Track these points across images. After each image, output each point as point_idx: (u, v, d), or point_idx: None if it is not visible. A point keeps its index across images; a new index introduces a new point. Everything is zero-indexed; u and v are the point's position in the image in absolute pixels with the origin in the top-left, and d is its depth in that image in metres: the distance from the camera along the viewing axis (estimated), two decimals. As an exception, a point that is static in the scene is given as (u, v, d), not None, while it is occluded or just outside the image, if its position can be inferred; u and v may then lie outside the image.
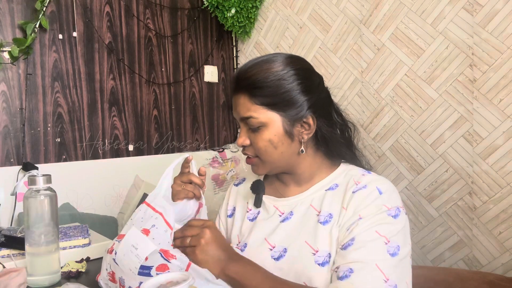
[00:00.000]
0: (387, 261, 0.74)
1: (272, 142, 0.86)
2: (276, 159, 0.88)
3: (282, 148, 0.87)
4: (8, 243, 1.10)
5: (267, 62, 0.87)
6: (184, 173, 0.92)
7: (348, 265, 0.75)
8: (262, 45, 2.47)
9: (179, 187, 0.90)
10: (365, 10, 1.98)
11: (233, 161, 2.42)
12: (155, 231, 0.78)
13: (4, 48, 1.73)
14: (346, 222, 0.81)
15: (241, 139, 0.89)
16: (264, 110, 0.85)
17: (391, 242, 0.76)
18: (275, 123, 0.85)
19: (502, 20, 1.57)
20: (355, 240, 0.77)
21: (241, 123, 0.89)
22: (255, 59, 0.89)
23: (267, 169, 0.90)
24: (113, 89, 2.08)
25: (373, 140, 1.97)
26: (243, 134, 0.89)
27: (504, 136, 1.60)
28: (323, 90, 0.92)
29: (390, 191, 0.84)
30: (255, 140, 0.87)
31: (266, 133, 0.85)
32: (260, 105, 0.85)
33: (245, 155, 0.92)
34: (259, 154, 0.88)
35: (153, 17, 2.25)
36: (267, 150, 0.86)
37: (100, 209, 1.96)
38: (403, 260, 0.77)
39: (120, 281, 0.79)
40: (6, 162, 1.75)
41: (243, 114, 0.87)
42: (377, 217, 0.79)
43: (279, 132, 0.86)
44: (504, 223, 1.61)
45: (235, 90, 0.89)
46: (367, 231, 0.77)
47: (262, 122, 0.85)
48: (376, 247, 0.76)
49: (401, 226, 0.79)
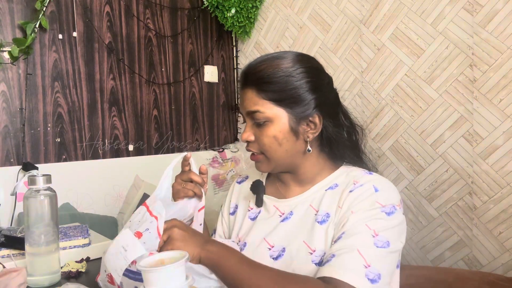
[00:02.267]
0: (371, 249, 0.74)
1: (277, 138, 0.85)
2: (280, 157, 0.87)
3: (287, 146, 0.86)
4: (8, 243, 1.11)
5: (277, 59, 0.87)
6: (185, 172, 0.92)
7: (331, 252, 0.76)
8: (262, 45, 2.47)
9: (179, 186, 0.90)
10: (365, 10, 1.98)
11: (233, 161, 2.42)
12: (147, 235, 0.77)
13: (4, 48, 1.73)
14: (339, 219, 0.81)
15: (245, 134, 0.89)
16: (271, 105, 0.85)
17: (379, 236, 0.76)
18: (281, 119, 0.85)
19: (502, 20, 1.57)
20: (345, 234, 0.77)
21: (247, 117, 0.89)
22: (265, 55, 0.90)
23: (271, 166, 0.90)
24: (113, 89, 2.08)
25: (373, 140, 1.97)
26: (248, 129, 0.89)
27: (504, 136, 1.60)
28: (332, 90, 0.92)
29: (387, 189, 0.83)
30: (260, 135, 0.87)
31: (272, 128, 0.85)
32: (267, 100, 0.85)
33: (248, 152, 0.91)
34: (264, 150, 0.87)
35: (153, 17, 2.25)
36: (271, 146, 0.86)
37: (100, 209, 1.95)
38: (392, 254, 0.77)
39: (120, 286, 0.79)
40: (6, 162, 1.75)
41: (250, 108, 0.87)
42: (369, 212, 0.79)
43: (284, 128, 0.85)
44: (504, 223, 1.61)
45: (243, 84, 0.89)
46: (356, 224, 0.77)
47: (268, 117, 0.85)
48: (362, 237, 0.75)
49: (394, 224, 0.78)
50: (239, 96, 0.93)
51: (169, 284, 0.62)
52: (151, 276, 0.62)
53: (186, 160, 0.92)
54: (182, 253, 0.67)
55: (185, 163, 0.92)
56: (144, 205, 0.86)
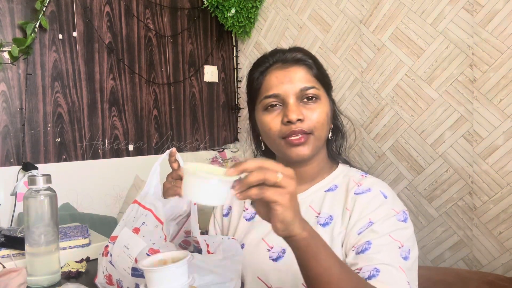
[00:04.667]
0: (403, 264, 0.75)
1: (328, 116, 0.87)
2: (325, 137, 0.89)
3: (328, 128, 0.89)
4: (8, 243, 1.10)
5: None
6: (174, 170, 0.92)
7: (374, 266, 0.73)
8: (262, 45, 2.47)
9: (169, 184, 0.90)
10: (365, 10, 1.98)
11: (233, 161, 2.42)
12: (144, 228, 0.78)
13: (4, 48, 1.73)
14: (354, 225, 0.80)
15: (296, 113, 0.82)
16: (320, 86, 0.88)
17: (404, 246, 0.77)
18: (327, 101, 0.89)
19: (502, 20, 1.57)
20: (372, 244, 0.76)
21: (294, 97, 0.84)
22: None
23: (316, 148, 0.86)
24: (113, 89, 2.08)
25: (373, 140, 1.97)
26: (296, 108, 0.83)
27: (504, 136, 1.59)
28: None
29: (392, 195, 0.85)
30: (313, 113, 0.84)
31: (322, 106, 0.86)
32: (318, 80, 0.88)
33: (294, 134, 0.83)
34: (316, 128, 0.84)
35: (153, 17, 2.25)
36: (324, 124, 0.85)
37: (100, 209, 1.95)
38: (414, 263, 0.79)
39: (118, 283, 0.79)
40: (6, 162, 1.75)
41: (306, 83, 0.85)
42: (388, 222, 0.79)
43: (329, 110, 0.88)
44: (504, 223, 1.61)
45: (292, 62, 0.87)
46: (381, 236, 0.77)
47: (320, 95, 0.87)
48: (392, 250, 0.76)
49: (411, 230, 0.81)
50: (278, 76, 0.86)
51: (171, 284, 0.62)
52: (154, 276, 0.63)
53: (172, 155, 0.91)
54: (184, 252, 0.67)
55: (171, 159, 0.91)
56: (135, 202, 0.86)
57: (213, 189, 0.56)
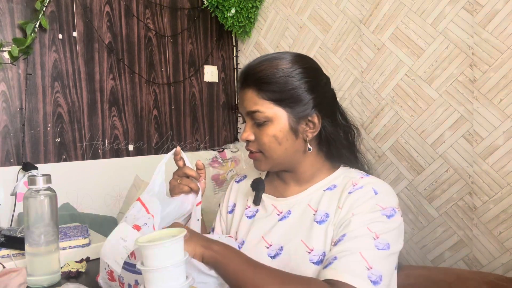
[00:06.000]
0: (372, 251, 0.75)
1: (277, 137, 0.86)
2: (279, 156, 0.88)
3: (286, 145, 0.87)
4: (8, 243, 1.11)
5: (276, 59, 0.88)
6: (180, 168, 0.94)
7: (333, 254, 0.76)
8: (262, 45, 2.47)
9: (175, 182, 0.92)
10: (365, 10, 1.98)
11: (233, 161, 2.41)
12: (146, 229, 0.78)
13: (4, 48, 1.73)
14: (339, 220, 0.82)
15: (245, 134, 0.89)
16: (271, 105, 0.86)
17: (380, 238, 0.76)
18: (281, 119, 0.86)
19: (502, 20, 1.57)
20: (346, 236, 0.78)
21: (247, 117, 0.90)
22: (264, 56, 0.90)
23: (270, 165, 0.90)
24: (113, 89, 2.08)
25: (373, 140, 1.97)
26: (248, 129, 0.89)
27: (504, 136, 1.59)
28: (329, 90, 0.94)
29: (386, 192, 0.84)
30: (260, 135, 0.87)
31: (271, 128, 0.86)
32: (267, 100, 0.86)
33: (247, 151, 0.92)
34: (263, 149, 0.88)
35: (153, 17, 2.25)
36: (271, 146, 0.87)
37: (100, 209, 1.96)
38: (392, 256, 0.78)
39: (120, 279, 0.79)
40: (6, 162, 1.75)
41: (250, 108, 0.87)
42: (370, 215, 0.79)
43: (284, 128, 0.86)
44: (504, 223, 1.61)
45: (243, 84, 0.90)
46: (358, 227, 0.78)
47: (268, 117, 0.86)
48: (364, 240, 0.76)
49: (394, 226, 0.79)
50: (239, 97, 0.93)
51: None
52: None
53: (177, 154, 0.93)
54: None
55: (176, 157, 0.94)
56: (139, 200, 0.86)
57: (170, 250, 0.62)
